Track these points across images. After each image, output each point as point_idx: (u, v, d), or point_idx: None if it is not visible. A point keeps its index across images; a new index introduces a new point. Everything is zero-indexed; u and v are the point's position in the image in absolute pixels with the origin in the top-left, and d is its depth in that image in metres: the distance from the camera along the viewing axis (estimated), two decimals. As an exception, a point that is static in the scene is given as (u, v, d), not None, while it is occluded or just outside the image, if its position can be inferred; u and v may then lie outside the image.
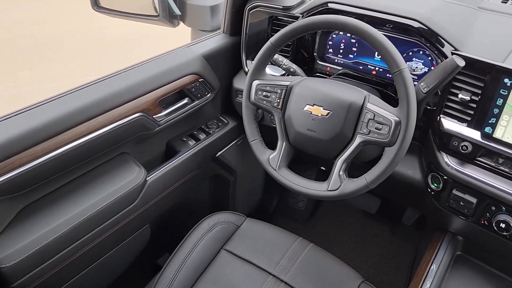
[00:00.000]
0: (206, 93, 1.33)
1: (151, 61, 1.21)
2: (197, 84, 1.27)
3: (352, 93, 1.01)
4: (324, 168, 1.53)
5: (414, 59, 1.21)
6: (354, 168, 1.03)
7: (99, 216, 1.05)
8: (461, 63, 0.93)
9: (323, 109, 1.01)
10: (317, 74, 1.36)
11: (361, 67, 1.31)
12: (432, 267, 1.08)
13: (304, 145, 1.06)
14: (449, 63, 0.94)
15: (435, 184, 1.11)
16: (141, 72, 1.16)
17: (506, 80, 0.94)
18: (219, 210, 1.31)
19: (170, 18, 1.52)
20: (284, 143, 1.09)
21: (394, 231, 1.89)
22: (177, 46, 1.33)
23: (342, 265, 1.17)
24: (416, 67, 1.21)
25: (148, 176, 1.18)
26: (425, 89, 0.98)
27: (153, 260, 1.53)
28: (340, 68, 1.33)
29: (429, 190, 1.13)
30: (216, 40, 1.38)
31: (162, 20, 1.51)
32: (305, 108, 1.03)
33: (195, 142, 1.35)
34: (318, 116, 1.01)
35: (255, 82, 1.10)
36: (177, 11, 1.50)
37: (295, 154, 1.11)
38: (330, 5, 1.20)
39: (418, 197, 1.24)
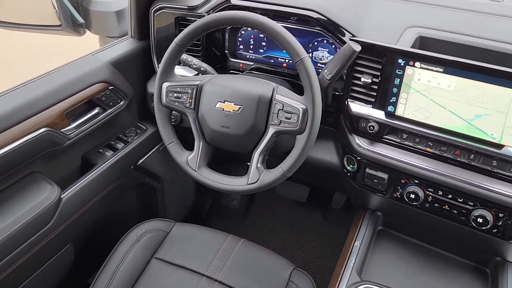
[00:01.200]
0: (119, 101, 1.29)
1: (54, 72, 1.15)
2: (108, 92, 1.23)
3: (261, 86, 1.02)
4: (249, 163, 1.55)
5: (319, 48, 1.26)
6: (280, 160, 1.05)
7: (11, 241, 0.98)
8: (357, 48, 0.98)
9: (234, 104, 1.02)
10: (231, 71, 1.37)
11: (272, 61, 1.34)
12: (355, 244, 1.13)
13: (220, 142, 1.06)
14: (347, 49, 0.98)
15: (350, 166, 1.16)
16: (43, 84, 1.09)
17: (400, 61, 1.01)
18: (150, 219, 1.28)
19: (74, 27, 1.46)
20: (201, 143, 1.08)
21: (326, 216, 1.96)
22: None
23: (274, 256, 1.19)
24: (323, 56, 1.26)
25: (63, 194, 1.12)
26: (329, 75, 1.03)
27: (83, 280, 1.46)
28: (252, 63, 1.35)
29: (346, 171, 1.18)
30: (124, 46, 1.34)
31: (65, 29, 1.45)
32: (217, 105, 1.03)
33: (113, 152, 1.30)
34: (230, 112, 1.02)
35: (165, 84, 1.09)
36: (80, 19, 1.44)
37: (214, 152, 1.12)
38: (233, 1, 1.21)
39: (338, 180, 1.29)
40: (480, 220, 0.99)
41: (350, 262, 1.07)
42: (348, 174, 1.18)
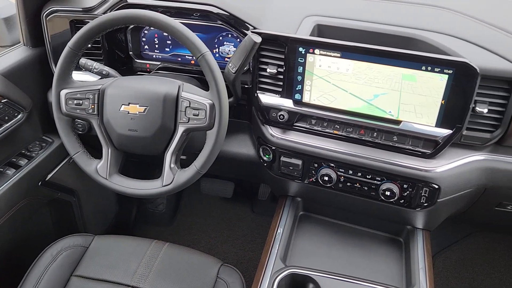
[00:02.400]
0: (16, 114, 1.19)
1: None
2: (1, 106, 1.13)
3: (166, 85, 1.00)
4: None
5: (225, 43, 1.25)
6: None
7: None
8: (258, 39, 0.99)
9: (139, 106, 0.98)
10: (139, 73, 1.33)
11: (179, 59, 1.32)
12: (278, 231, 1.15)
13: (129, 146, 1.02)
14: (247, 41, 0.99)
15: (266, 156, 1.18)
16: None
17: (300, 49, 1.03)
18: (66, 236, 1.20)
19: (-43, 38, 1.33)
20: (109, 149, 1.04)
21: (254, 209, 1.98)
22: None
23: (201, 255, 1.18)
24: (229, 51, 1.26)
25: (-40, 221, 1.02)
26: (234, 68, 1.03)
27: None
28: (159, 63, 1.32)
29: (263, 162, 1.20)
30: (16, 55, 1.24)
31: None
32: (122, 109, 0.99)
33: (15, 170, 1.20)
34: (136, 114, 0.99)
35: (63, 92, 1.02)
36: (-39, 30, 1.31)
37: (127, 157, 1.08)
38: (130, 0, 1.17)
39: (257, 171, 1.30)
40: (388, 193, 1.05)
41: (274, 250, 1.09)
42: (265, 164, 1.20)
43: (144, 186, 1.01)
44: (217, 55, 1.26)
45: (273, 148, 1.15)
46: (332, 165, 1.10)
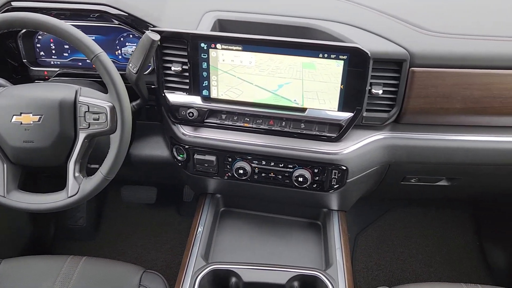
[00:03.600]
0: None
1: None
2: None
3: (61, 91, 0.95)
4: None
5: (127, 44, 1.21)
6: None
7: None
8: (156, 37, 0.97)
9: (32, 115, 0.92)
10: (36, 81, 1.24)
11: (80, 63, 1.25)
12: (199, 229, 1.14)
13: (27, 159, 0.96)
14: (145, 39, 0.97)
15: (180, 156, 1.16)
16: None
17: (202, 45, 1.03)
18: None
19: None
20: (4, 165, 0.96)
21: (180, 211, 1.94)
22: None
23: (121, 265, 1.13)
24: (132, 51, 1.22)
25: None
26: (134, 69, 1.00)
27: None
28: (58, 69, 1.24)
29: (178, 162, 1.18)
30: None
31: None
32: (13, 120, 0.92)
33: None
34: (30, 124, 0.92)
35: None
36: None
37: (25, 171, 1.00)
38: (14, 4, 1.09)
39: (175, 172, 1.28)
40: (300, 179, 1.08)
41: (194, 249, 1.08)
42: (180, 164, 1.18)
43: (48, 200, 0.95)
44: (120, 56, 1.22)
45: (186, 147, 1.13)
46: (246, 157, 1.11)
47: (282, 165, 1.09)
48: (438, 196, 1.55)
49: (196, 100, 1.09)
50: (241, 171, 1.11)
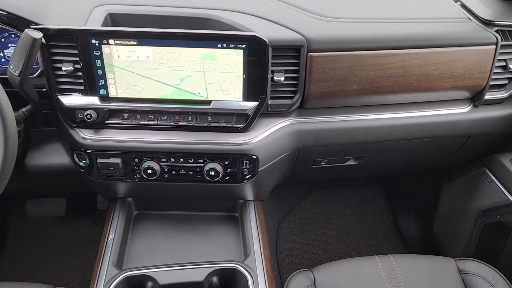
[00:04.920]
0: None
1: None
2: None
3: None
4: None
5: (9, 45, 1.10)
6: None
7: None
8: (37, 35, 0.89)
9: None
10: None
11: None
12: (110, 237, 1.08)
13: None
14: (25, 38, 0.88)
15: (83, 161, 1.09)
16: None
17: (93, 41, 0.96)
18: None
19: None
20: None
21: (96, 220, 1.84)
22: None
23: (28, 285, 1.04)
24: (16, 53, 1.12)
25: None
26: (16, 71, 0.91)
27: None
28: None
29: (80, 168, 1.10)
30: None
31: None
32: None
33: None
34: None
35: None
36: None
37: None
38: None
39: (79, 179, 1.20)
40: (212, 173, 1.06)
41: (106, 257, 1.02)
42: (83, 170, 1.10)
43: None
44: (3, 59, 1.10)
45: (88, 151, 1.06)
46: (153, 156, 1.06)
47: (192, 160, 1.07)
48: (349, 175, 1.62)
49: (93, 100, 1.02)
50: (149, 171, 1.06)
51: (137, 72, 1.01)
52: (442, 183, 1.63)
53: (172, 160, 1.06)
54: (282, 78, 1.04)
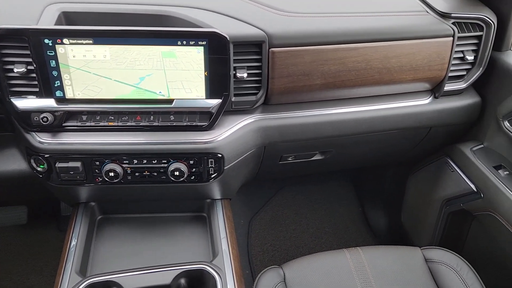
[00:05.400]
0: None
1: None
2: None
3: None
4: None
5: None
6: None
7: None
8: None
9: None
10: None
11: None
12: (72, 243, 1.04)
13: None
14: None
15: (41, 166, 1.04)
16: None
17: (46, 41, 0.92)
18: None
19: None
20: None
21: (61, 227, 1.78)
22: None
23: None
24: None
25: None
26: None
27: None
28: None
29: (39, 173, 1.06)
30: None
31: None
32: None
33: None
34: None
35: None
36: None
37: None
38: None
39: (40, 185, 1.15)
40: (177, 173, 1.04)
41: (68, 265, 0.98)
42: (41, 176, 1.06)
43: None
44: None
45: (45, 156, 1.02)
46: (115, 159, 1.03)
47: (156, 161, 1.04)
48: (317, 170, 1.63)
49: (49, 103, 0.98)
50: (112, 174, 1.03)
51: (94, 72, 0.97)
52: (408, 174, 1.66)
53: (135, 161, 1.04)
54: (245, 75, 1.03)
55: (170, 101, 1.02)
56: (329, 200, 2.06)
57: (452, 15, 1.15)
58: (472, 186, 1.27)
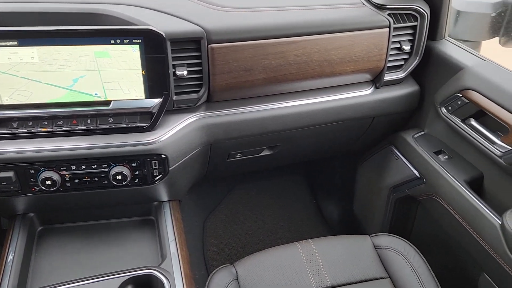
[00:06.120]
0: None
1: None
2: None
3: None
4: None
5: None
6: None
7: None
8: None
9: None
10: None
11: None
12: (9, 257, 0.98)
13: None
14: None
15: (-31, 179, 0.97)
16: None
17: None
18: None
19: None
20: None
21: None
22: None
23: None
24: None
25: None
26: None
27: None
28: None
29: (-33, 187, 0.99)
30: None
31: None
32: None
33: None
34: None
35: None
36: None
37: None
38: None
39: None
40: (119, 177, 1.00)
41: (4, 281, 0.92)
42: (-30, 188, 0.99)
43: None
44: None
45: (-26, 167, 0.95)
46: (51, 166, 0.98)
47: (96, 166, 1.00)
48: (267, 165, 1.63)
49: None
50: (49, 182, 0.98)
51: (22, 75, 0.92)
52: (357, 164, 1.70)
53: (73, 168, 0.99)
54: (185, 72, 1.01)
55: (107, 102, 0.98)
56: (283, 194, 2.07)
57: (387, 6, 1.18)
58: (416, 172, 1.31)
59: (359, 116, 1.29)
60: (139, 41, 0.93)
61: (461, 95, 1.14)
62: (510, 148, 1.01)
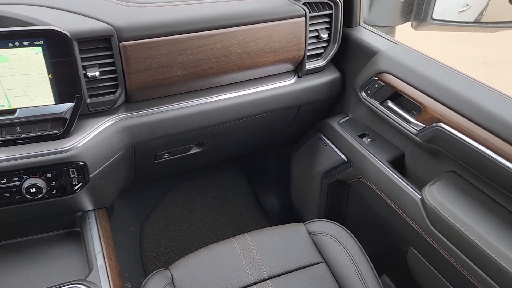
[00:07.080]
0: None
1: None
2: None
3: None
4: None
5: None
6: None
7: None
8: None
9: None
10: None
11: None
12: None
13: None
14: None
15: None
16: None
17: None
18: None
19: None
20: None
21: None
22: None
23: None
24: None
25: None
26: None
27: None
28: None
29: None
30: None
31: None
32: None
33: None
34: None
35: None
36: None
37: None
38: None
39: None
40: (33, 190, 0.93)
41: None
42: None
43: None
44: None
45: None
46: None
47: (5, 180, 0.92)
48: (198, 163, 1.60)
49: None
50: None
51: None
52: (291, 153, 1.72)
53: (-19, 184, 0.91)
54: (97, 73, 0.96)
55: (12, 111, 0.90)
56: (221, 191, 2.05)
57: (302, -4, 1.19)
58: (343, 156, 1.34)
59: (285, 106, 1.29)
60: (41, 42, 0.86)
61: (377, 79, 1.18)
62: (424, 125, 1.06)
